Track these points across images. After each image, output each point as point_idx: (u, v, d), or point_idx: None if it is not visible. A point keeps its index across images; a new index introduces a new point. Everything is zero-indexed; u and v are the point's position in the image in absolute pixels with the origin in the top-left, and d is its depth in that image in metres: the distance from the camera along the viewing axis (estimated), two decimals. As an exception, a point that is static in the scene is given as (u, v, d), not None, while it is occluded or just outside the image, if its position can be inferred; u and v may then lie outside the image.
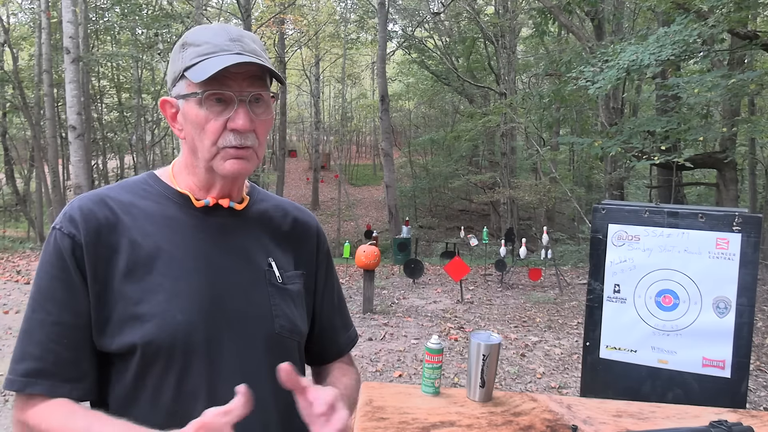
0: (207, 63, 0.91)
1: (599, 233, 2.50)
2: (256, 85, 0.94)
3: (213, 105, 0.92)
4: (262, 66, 0.92)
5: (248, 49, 0.94)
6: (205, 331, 0.93)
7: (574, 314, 6.67)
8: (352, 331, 1.26)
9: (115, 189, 1.00)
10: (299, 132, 37.73)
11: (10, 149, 15.63)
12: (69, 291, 0.91)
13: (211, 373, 0.93)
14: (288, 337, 1.02)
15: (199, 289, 0.95)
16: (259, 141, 0.96)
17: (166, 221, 0.98)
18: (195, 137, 0.95)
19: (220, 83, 0.91)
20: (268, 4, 17.34)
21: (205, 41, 0.94)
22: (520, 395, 1.63)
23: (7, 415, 3.61)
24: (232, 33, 0.95)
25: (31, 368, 0.89)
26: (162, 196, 1.00)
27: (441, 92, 22.41)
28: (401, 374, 4.57)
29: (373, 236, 10.11)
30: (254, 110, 0.94)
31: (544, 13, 9.81)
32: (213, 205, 1.00)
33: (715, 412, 1.54)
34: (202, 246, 0.98)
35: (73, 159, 8.80)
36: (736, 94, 7.04)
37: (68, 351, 0.91)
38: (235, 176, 0.97)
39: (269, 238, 1.07)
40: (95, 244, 0.92)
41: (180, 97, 0.96)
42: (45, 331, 0.90)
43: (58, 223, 0.94)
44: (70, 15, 8.56)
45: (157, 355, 0.91)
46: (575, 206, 12.56)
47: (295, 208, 1.17)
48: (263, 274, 1.02)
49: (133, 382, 0.92)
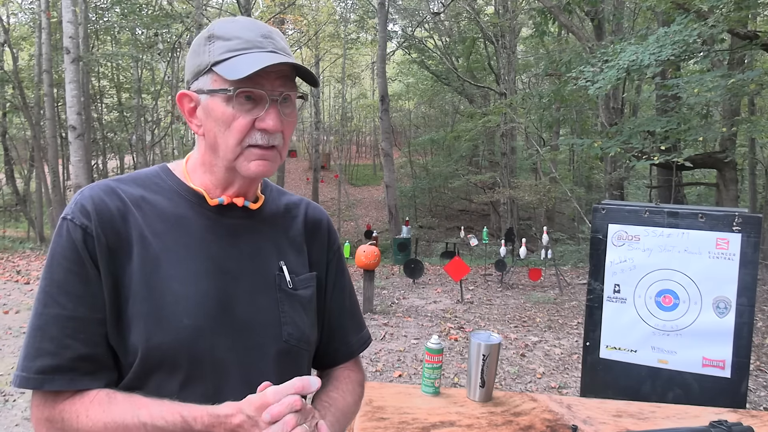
0: (240, 60, 0.88)
1: (599, 233, 2.50)
2: (288, 85, 0.92)
3: (243, 103, 0.89)
4: (293, 65, 0.90)
5: (279, 47, 0.92)
6: (211, 336, 0.91)
7: (574, 314, 6.66)
8: (364, 333, 1.20)
9: (127, 181, 0.97)
10: (299, 132, 37.68)
11: (10, 149, 15.62)
12: (85, 284, 0.88)
13: (215, 379, 0.91)
14: (296, 345, 0.99)
15: (206, 293, 0.92)
16: (284, 141, 0.94)
17: (177, 220, 0.95)
18: (218, 134, 0.91)
19: (254, 81, 0.88)
20: (268, 4, 17.37)
21: (236, 35, 0.91)
22: (520, 395, 1.63)
23: (7, 415, 3.60)
24: (262, 29, 0.93)
25: (47, 365, 0.86)
26: (174, 192, 0.97)
27: (441, 92, 22.42)
28: (401, 374, 4.57)
29: (373, 236, 10.11)
30: (283, 110, 0.92)
31: (544, 13, 9.80)
32: (227, 204, 0.98)
33: (715, 412, 1.54)
34: (211, 248, 0.95)
35: (73, 159, 8.80)
36: (736, 94, 7.04)
37: (86, 346, 0.87)
38: (257, 177, 0.94)
39: (282, 238, 1.04)
40: (107, 235, 0.89)
41: (203, 92, 0.92)
42: (60, 326, 0.87)
43: (69, 213, 0.90)
44: (70, 15, 8.56)
45: (161, 358, 0.88)
46: (575, 206, 12.56)
47: (307, 204, 1.14)
48: (273, 279, 0.99)
49: (134, 383, 0.89)
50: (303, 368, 1.03)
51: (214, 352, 0.91)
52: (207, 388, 0.90)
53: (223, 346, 0.92)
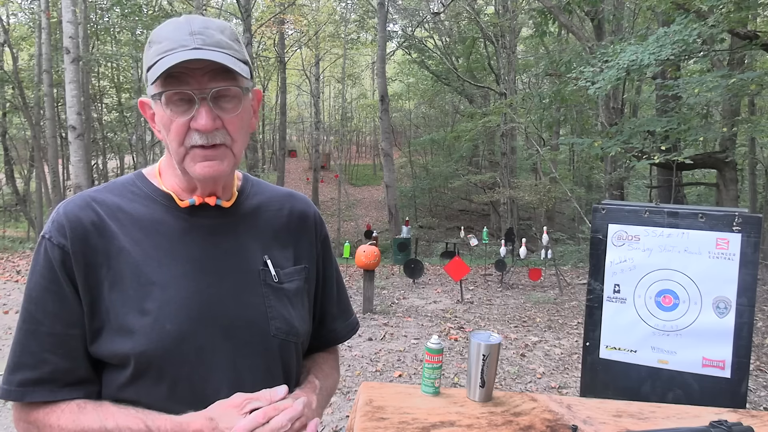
0: (162, 62, 0.85)
1: (599, 233, 2.50)
2: (219, 79, 0.88)
3: (177, 104, 0.88)
4: (228, 61, 0.87)
5: (211, 42, 0.87)
6: (197, 339, 0.91)
7: (574, 314, 6.66)
8: (352, 319, 1.22)
9: (102, 191, 0.97)
10: (299, 132, 37.73)
11: (10, 149, 15.63)
12: (60, 302, 0.89)
13: (204, 381, 0.92)
14: (284, 339, 1.00)
15: (188, 295, 0.92)
16: (232, 138, 0.91)
17: (154, 225, 0.94)
18: (166, 138, 0.91)
19: (180, 81, 0.86)
20: (268, 4, 17.34)
21: (165, 37, 0.88)
22: (520, 395, 1.63)
23: (7, 415, 3.61)
24: (193, 26, 0.88)
25: (27, 378, 0.89)
26: (149, 197, 0.97)
27: (441, 92, 22.43)
28: (401, 374, 4.57)
29: (373, 236, 10.10)
30: (222, 106, 0.89)
31: (544, 13, 9.80)
32: (199, 204, 0.97)
33: (715, 412, 1.54)
34: (191, 250, 0.95)
35: (73, 159, 8.78)
36: (736, 94, 7.04)
37: (65, 360, 0.90)
38: (207, 180, 0.92)
39: (265, 234, 1.04)
40: (83, 252, 0.90)
41: (151, 98, 0.91)
42: (39, 342, 0.89)
43: (47, 232, 0.91)
44: (70, 15, 8.56)
45: (148, 365, 0.89)
46: (575, 206, 12.55)
47: (290, 196, 1.12)
48: (257, 275, 0.99)
49: (123, 391, 0.91)
50: (293, 361, 1.03)
51: (200, 354, 0.91)
52: (196, 390, 0.91)
53: (210, 347, 0.92)
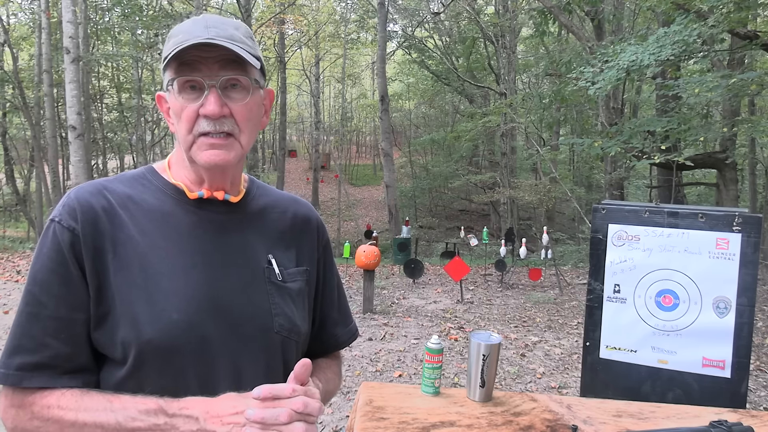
0: (176, 50, 0.88)
1: (599, 233, 2.50)
2: (230, 69, 0.91)
3: (188, 92, 0.91)
4: (238, 50, 0.89)
5: (225, 35, 0.90)
6: (202, 330, 0.92)
7: (574, 314, 6.66)
8: (352, 326, 1.24)
9: (113, 181, 0.99)
10: (299, 132, 37.72)
11: (10, 149, 15.62)
12: (66, 286, 0.89)
13: (207, 373, 0.92)
14: (287, 336, 1.01)
15: (196, 287, 0.93)
16: (240, 127, 0.93)
17: (164, 217, 0.96)
18: (177, 127, 0.93)
19: (192, 68, 0.89)
20: (268, 4, 17.34)
21: (182, 31, 0.91)
22: (520, 395, 1.63)
23: (7, 415, 3.60)
24: (209, 21, 0.92)
25: (26, 362, 0.87)
26: (159, 190, 0.99)
27: (441, 92, 22.43)
28: (401, 374, 4.57)
29: (373, 236, 10.10)
30: (230, 95, 0.92)
31: (544, 13, 9.80)
32: (207, 198, 0.98)
33: (715, 412, 1.54)
34: (199, 242, 0.96)
35: (73, 159, 8.78)
36: (736, 94, 7.03)
37: (66, 346, 0.89)
38: (213, 167, 0.94)
39: (270, 234, 1.06)
40: (93, 236, 0.90)
41: (166, 89, 0.94)
42: (41, 325, 0.88)
43: (57, 215, 0.91)
44: (70, 15, 8.55)
45: (152, 354, 0.89)
46: (575, 206, 12.55)
47: (294, 201, 1.15)
48: (262, 272, 1.01)
49: (125, 379, 0.90)
50: (293, 359, 1.03)
51: (204, 345, 0.92)
52: (199, 381, 0.91)
53: (214, 339, 0.93)
